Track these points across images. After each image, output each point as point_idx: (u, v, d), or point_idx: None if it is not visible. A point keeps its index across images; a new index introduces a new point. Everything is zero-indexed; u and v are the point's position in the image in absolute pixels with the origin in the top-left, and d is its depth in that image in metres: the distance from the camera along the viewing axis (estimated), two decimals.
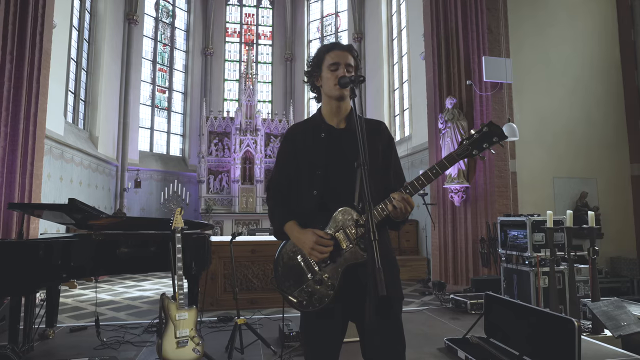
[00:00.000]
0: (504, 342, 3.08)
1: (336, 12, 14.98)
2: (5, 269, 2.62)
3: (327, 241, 1.39)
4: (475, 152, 1.35)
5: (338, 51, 1.54)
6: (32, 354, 3.15)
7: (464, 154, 1.36)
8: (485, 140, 1.35)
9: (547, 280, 4.29)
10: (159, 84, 13.46)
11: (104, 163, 10.24)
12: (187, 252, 3.41)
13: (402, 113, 11.21)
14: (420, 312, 4.75)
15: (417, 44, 9.18)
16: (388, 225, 1.50)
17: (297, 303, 1.43)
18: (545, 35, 6.78)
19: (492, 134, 1.34)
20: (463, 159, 1.38)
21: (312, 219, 1.47)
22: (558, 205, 6.44)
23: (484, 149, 1.35)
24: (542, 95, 6.65)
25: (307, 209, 1.50)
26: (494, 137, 1.34)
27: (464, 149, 1.36)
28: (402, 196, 1.34)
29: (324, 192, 1.48)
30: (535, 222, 4.47)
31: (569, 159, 6.59)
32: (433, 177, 1.36)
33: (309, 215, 1.49)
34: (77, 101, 9.58)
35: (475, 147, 1.35)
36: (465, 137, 1.37)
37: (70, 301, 5.74)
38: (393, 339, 1.45)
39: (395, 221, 1.42)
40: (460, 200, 6.46)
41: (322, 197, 1.48)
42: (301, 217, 1.51)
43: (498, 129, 1.35)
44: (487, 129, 1.34)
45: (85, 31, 9.95)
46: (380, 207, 1.39)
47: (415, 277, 7.73)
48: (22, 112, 5.48)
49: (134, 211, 11.43)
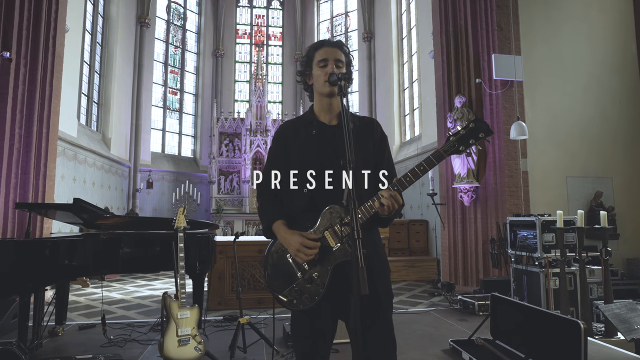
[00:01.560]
0: (510, 344, 3.02)
1: (346, 12, 14.96)
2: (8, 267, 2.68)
3: (313, 243, 1.38)
4: (462, 148, 1.34)
5: (327, 47, 1.53)
6: (40, 350, 3.22)
7: (451, 150, 1.35)
8: (471, 136, 1.33)
9: (558, 281, 4.20)
10: (170, 85, 13.64)
11: (117, 164, 10.42)
12: (191, 252, 3.45)
13: (411, 112, 11.13)
14: (427, 313, 4.70)
15: (426, 42, 9.10)
16: (378, 223, 1.48)
17: (288, 302, 1.43)
18: (558, 31, 6.64)
19: (478, 130, 1.33)
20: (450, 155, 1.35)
21: (302, 217, 1.47)
22: (572, 205, 6.31)
23: (471, 145, 1.34)
24: (555, 92, 6.52)
25: (297, 207, 1.50)
26: (480, 133, 1.33)
27: (451, 145, 1.35)
28: (389, 193, 1.32)
29: (315, 190, 1.47)
30: (545, 222, 4.38)
31: (582, 158, 6.45)
32: (421, 173, 1.35)
33: (299, 214, 1.48)
34: (90, 103, 9.77)
35: (462, 144, 1.34)
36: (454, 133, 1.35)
37: (82, 300, 5.85)
38: (383, 339, 1.43)
39: (383, 218, 1.40)
40: (470, 200, 6.37)
41: (313, 195, 1.47)
42: (291, 216, 1.50)
43: (484, 125, 1.33)
44: (474, 125, 1.33)
45: (98, 35, 10.15)
46: (368, 205, 1.37)
47: (425, 277, 7.66)
48: (35, 115, 5.61)
49: (147, 211, 11.60)
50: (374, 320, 1.42)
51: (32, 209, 3.22)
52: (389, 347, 1.45)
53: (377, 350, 1.42)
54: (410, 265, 7.81)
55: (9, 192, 5.33)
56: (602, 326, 3.77)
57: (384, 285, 1.47)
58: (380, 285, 1.44)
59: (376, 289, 1.42)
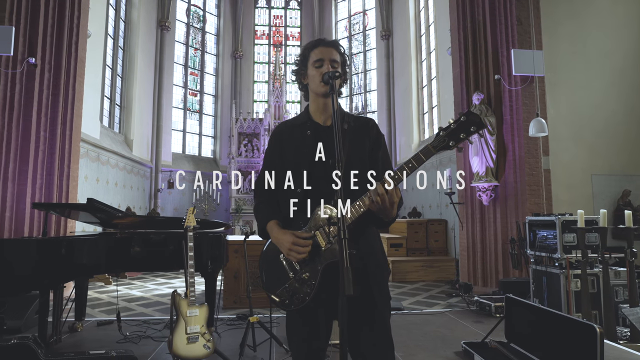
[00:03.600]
0: (525, 347, 2.92)
1: (364, 10, 14.87)
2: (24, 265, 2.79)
3: (304, 241, 1.37)
4: (453, 143, 1.28)
5: (322, 47, 1.52)
6: (59, 345, 3.34)
7: (440, 146, 1.29)
8: (462, 130, 1.27)
9: (579, 283, 4.04)
10: (190, 87, 13.90)
11: (139, 165, 10.69)
12: (203, 251, 3.49)
13: (430, 111, 10.96)
14: (441, 314, 4.61)
15: (445, 39, 8.93)
16: (374, 224, 1.46)
17: (280, 302, 1.43)
18: (582, 24, 6.40)
19: (469, 124, 1.26)
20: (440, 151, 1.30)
21: (296, 217, 1.46)
22: (597, 204, 6.08)
23: (462, 140, 1.28)
24: (579, 87, 6.29)
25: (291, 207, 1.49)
26: (471, 127, 1.26)
27: (440, 140, 1.29)
28: (377, 190, 1.29)
29: (308, 190, 1.47)
30: (566, 222, 4.22)
31: (609, 155, 6.19)
32: (409, 170, 1.31)
33: (293, 214, 1.47)
34: (113, 106, 10.07)
35: (452, 138, 1.28)
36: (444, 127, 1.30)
37: (104, 297, 6.03)
38: (378, 341, 1.41)
39: (379, 218, 1.37)
40: (489, 199, 6.22)
41: (306, 196, 1.46)
42: (285, 216, 1.50)
43: (476, 118, 1.27)
44: (465, 119, 1.27)
45: (120, 39, 10.44)
46: (357, 204, 1.35)
47: (443, 278, 7.53)
48: (59, 118, 5.82)
49: (168, 211, 11.87)
50: (369, 322, 1.40)
51: (49, 208, 3.33)
52: (386, 349, 1.43)
53: (372, 352, 1.40)
54: (428, 265, 7.70)
55: (35, 192, 5.55)
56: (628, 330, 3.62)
57: (379, 287, 1.44)
58: (375, 287, 1.42)
59: (370, 290, 1.40)
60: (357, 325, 1.40)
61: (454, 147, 1.29)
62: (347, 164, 1.44)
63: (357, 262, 1.38)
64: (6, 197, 5.33)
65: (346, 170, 1.44)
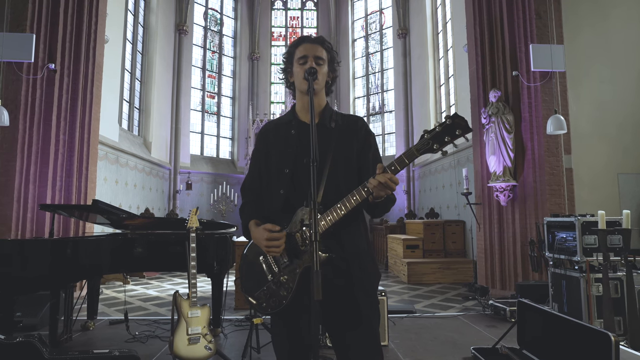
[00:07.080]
0: (537, 354, 2.79)
1: (380, 9, 14.72)
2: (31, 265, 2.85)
3: (277, 235, 1.34)
4: (437, 147, 1.23)
5: (307, 44, 1.48)
6: (70, 343, 3.41)
7: (424, 149, 1.24)
8: (447, 133, 1.22)
9: (600, 287, 3.85)
10: (208, 89, 14.09)
11: (157, 167, 10.90)
12: (209, 252, 3.50)
13: (448, 109, 10.74)
14: (454, 317, 4.48)
15: (462, 36, 8.73)
16: (365, 209, 1.41)
17: (257, 305, 1.40)
18: (606, 16, 6.13)
19: (455, 127, 1.22)
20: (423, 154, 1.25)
21: (279, 218, 1.42)
22: (624, 204, 5.79)
23: (447, 143, 1.23)
24: (603, 83, 6.02)
25: (275, 207, 1.46)
26: (457, 130, 1.22)
27: (424, 143, 1.24)
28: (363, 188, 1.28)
29: (291, 191, 1.43)
30: (586, 224, 4.03)
31: (636, 153, 5.91)
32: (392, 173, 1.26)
33: (278, 214, 1.44)
34: (132, 109, 10.30)
35: (437, 141, 1.23)
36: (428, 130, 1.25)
37: (121, 296, 6.15)
38: (365, 349, 1.35)
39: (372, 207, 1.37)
40: (507, 200, 6.01)
41: (289, 196, 1.42)
42: (270, 216, 1.46)
43: (462, 121, 1.22)
44: (450, 122, 1.22)
45: (138, 44, 10.68)
46: (337, 206, 1.30)
47: (461, 280, 7.35)
48: (77, 121, 5.98)
49: (186, 212, 12.04)
50: (353, 327, 1.34)
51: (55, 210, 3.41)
52: (372, 355, 1.37)
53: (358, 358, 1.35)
54: (445, 267, 7.53)
55: (55, 194, 5.72)
56: None
57: (364, 292, 1.38)
58: (359, 292, 1.36)
59: (354, 296, 1.34)
60: (342, 331, 1.35)
61: (438, 151, 1.25)
62: (333, 164, 1.40)
63: (340, 263, 1.34)
64: (28, 199, 5.51)
65: (332, 170, 1.40)
